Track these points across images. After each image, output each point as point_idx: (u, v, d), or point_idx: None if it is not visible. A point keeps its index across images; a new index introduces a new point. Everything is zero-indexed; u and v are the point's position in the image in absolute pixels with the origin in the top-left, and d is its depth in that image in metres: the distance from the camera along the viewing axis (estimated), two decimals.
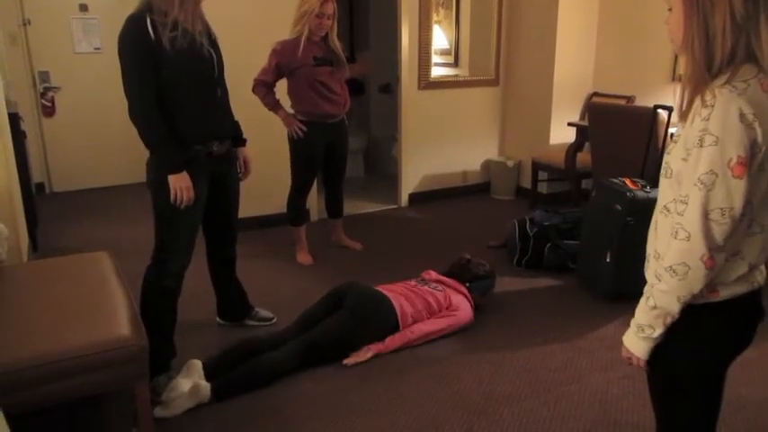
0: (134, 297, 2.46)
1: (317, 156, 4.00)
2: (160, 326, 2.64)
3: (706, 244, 1.26)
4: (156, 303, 2.66)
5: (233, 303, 3.22)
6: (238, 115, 2.89)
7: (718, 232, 1.26)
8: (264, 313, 3.29)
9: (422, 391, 2.68)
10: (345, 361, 2.87)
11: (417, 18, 5.18)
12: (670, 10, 1.38)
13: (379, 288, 3.17)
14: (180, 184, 2.51)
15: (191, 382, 2.55)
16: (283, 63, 3.77)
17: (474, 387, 2.72)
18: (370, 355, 2.91)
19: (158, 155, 2.53)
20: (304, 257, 4.19)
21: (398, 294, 3.11)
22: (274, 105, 3.88)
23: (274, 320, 3.27)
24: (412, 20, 5.16)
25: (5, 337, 2.05)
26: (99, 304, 2.32)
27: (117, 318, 2.21)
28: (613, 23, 5.24)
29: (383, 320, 3.01)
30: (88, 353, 2.01)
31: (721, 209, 1.25)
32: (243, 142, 2.93)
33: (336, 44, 3.88)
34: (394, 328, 3.02)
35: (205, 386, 2.55)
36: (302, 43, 3.72)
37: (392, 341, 2.99)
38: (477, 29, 5.61)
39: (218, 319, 3.26)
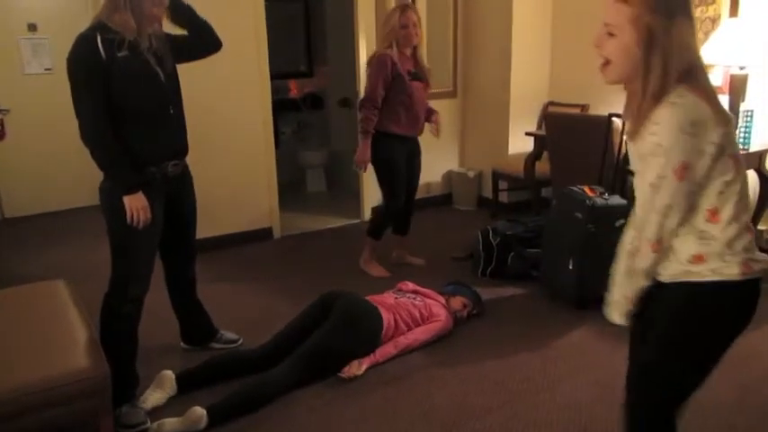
0: (94, 325, 2.38)
1: (403, 165, 3.98)
2: (121, 354, 2.55)
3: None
4: (116, 331, 2.57)
5: (196, 327, 3.15)
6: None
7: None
8: (230, 335, 3.22)
9: (391, 408, 2.66)
10: (342, 374, 2.83)
11: (374, 32, 5.19)
12: (610, 34, 1.42)
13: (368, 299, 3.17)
14: (136, 205, 2.45)
15: (164, 394, 2.63)
16: (387, 76, 3.74)
17: (444, 401, 2.71)
18: (364, 368, 2.89)
19: (112, 177, 2.47)
20: (379, 270, 4.14)
21: (386, 309, 3.10)
22: (370, 131, 3.79)
23: (240, 342, 3.21)
24: (369, 34, 5.16)
25: None
26: (56, 336, 2.25)
27: (75, 349, 2.14)
28: (566, 34, 5.35)
29: (373, 328, 2.99)
30: (46, 388, 1.94)
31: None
32: None
33: (423, 60, 3.93)
34: (380, 339, 3.02)
35: (200, 412, 2.46)
36: (396, 55, 3.73)
37: (384, 351, 2.99)
38: (434, 41, 5.64)
39: (182, 343, 3.18)
